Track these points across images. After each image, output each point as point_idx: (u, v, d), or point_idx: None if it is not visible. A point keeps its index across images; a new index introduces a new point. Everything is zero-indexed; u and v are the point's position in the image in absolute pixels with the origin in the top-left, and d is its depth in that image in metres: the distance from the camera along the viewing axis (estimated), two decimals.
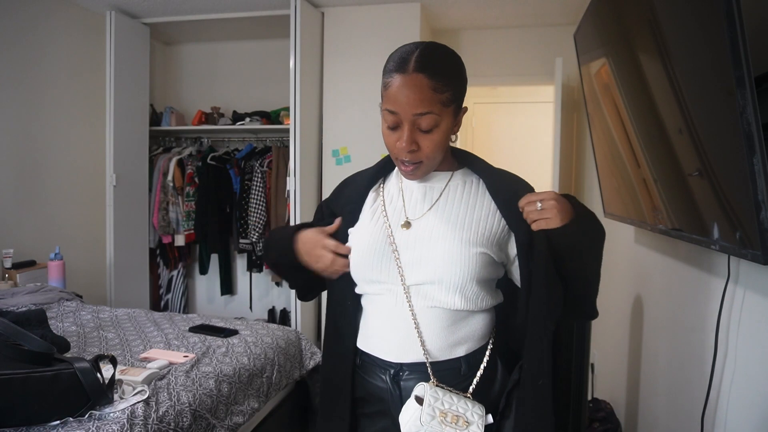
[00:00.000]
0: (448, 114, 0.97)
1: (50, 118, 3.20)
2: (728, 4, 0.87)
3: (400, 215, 1.05)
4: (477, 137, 4.96)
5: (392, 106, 0.95)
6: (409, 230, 1.02)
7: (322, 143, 3.52)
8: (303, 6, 3.19)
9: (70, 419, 1.31)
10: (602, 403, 2.51)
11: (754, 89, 0.87)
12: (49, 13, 3.17)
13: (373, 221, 1.06)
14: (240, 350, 1.94)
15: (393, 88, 0.95)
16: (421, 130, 0.95)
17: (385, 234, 1.02)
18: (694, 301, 1.54)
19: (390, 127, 0.97)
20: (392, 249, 1.01)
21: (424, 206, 1.04)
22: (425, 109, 0.93)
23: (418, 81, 0.92)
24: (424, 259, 0.99)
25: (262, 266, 3.80)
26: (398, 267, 1.00)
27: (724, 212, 1.08)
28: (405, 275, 0.99)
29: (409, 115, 0.94)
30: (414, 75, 0.93)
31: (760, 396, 1.12)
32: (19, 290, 2.56)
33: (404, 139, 0.95)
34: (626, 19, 1.52)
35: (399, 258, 1.00)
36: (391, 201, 1.07)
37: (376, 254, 1.02)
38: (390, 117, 0.96)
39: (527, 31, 3.79)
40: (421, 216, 1.03)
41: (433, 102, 0.93)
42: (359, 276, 1.05)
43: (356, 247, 1.04)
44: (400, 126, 0.96)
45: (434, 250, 0.99)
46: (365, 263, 1.03)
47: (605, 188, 2.29)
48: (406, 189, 1.07)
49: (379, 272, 1.01)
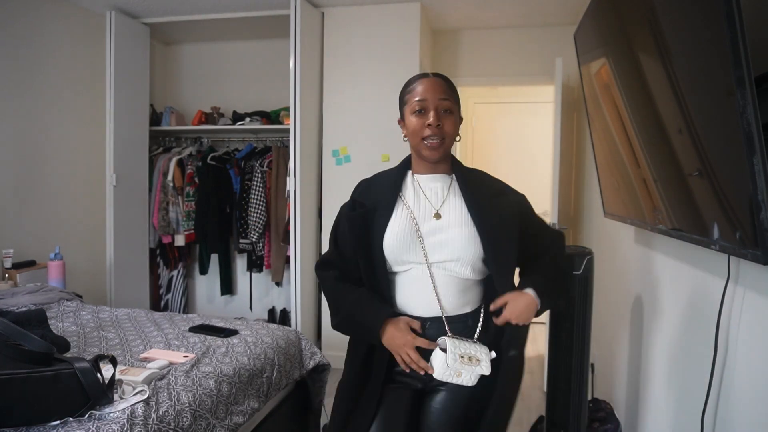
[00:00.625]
0: (457, 111, 1.34)
1: (50, 118, 3.21)
2: (728, 4, 0.87)
3: (426, 208, 1.34)
4: (477, 137, 4.96)
5: (422, 96, 1.30)
6: (439, 220, 1.32)
7: (322, 143, 3.52)
8: (303, 6, 3.19)
9: (70, 419, 1.30)
10: (602, 403, 2.51)
11: (754, 89, 0.87)
12: (50, 14, 3.17)
13: (401, 216, 1.34)
14: (240, 350, 1.94)
15: (420, 87, 1.32)
16: (444, 110, 1.30)
17: (411, 225, 1.32)
18: (694, 301, 1.54)
19: (418, 110, 1.30)
20: (418, 236, 1.31)
21: (439, 201, 1.35)
22: (446, 95, 1.31)
23: (439, 81, 1.33)
24: (446, 242, 1.30)
25: (262, 266, 3.81)
26: (423, 250, 1.30)
27: (724, 212, 1.08)
28: (428, 255, 1.30)
29: (435, 100, 1.30)
30: (435, 78, 1.34)
31: (760, 396, 1.12)
32: (19, 290, 2.56)
33: (432, 117, 1.28)
34: (626, 19, 1.52)
35: (423, 243, 1.30)
36: (411, 198, 1.36)
37: (405, 242, 1.30)
38: (418, 104, 1.30)
39: (527, 31, 3.80)
40: (440, 207, 1.34)
41: (450, 95, 1.32)
42: (393, 259, 1.32)
43: (389, 238, 1.31)
44: (426, 111, 1.30)
45: (455, 235, 1.29)
46: (398, 249, 1.31)
47: (605, 188, 2.29)
48: (426, 188, 1.37)
49: (408, 254, 1.31)
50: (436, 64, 3.90)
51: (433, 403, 1.34)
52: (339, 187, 3.39)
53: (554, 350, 2.09)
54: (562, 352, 2.05)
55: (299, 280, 3.27)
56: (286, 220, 3.60)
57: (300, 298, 3.29)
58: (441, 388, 1.34)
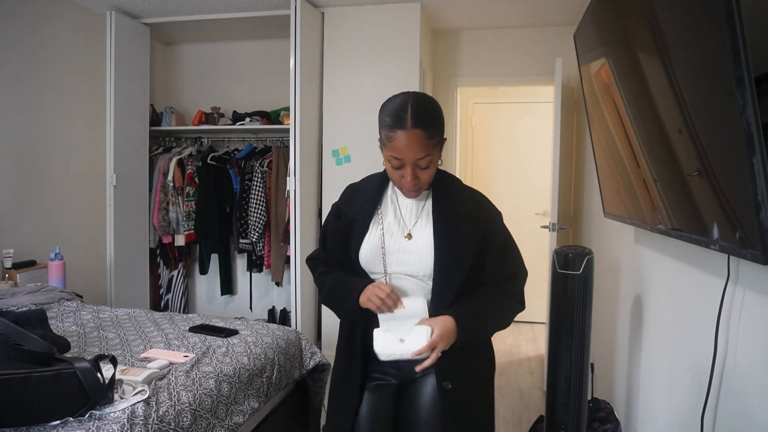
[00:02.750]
0: (437, 151, 1.30)
1: (50, 118, 3.21)
2: (728, 4, 0.87)
3: (399, 226, 1.38)
4: (477, 137, 4.96)
5: (398, 154, 1.25)
6: (410, 240, 1.35)
7: (322, 143, 3.52)
8: (303, 6, 3.19)
9: (70, 419, 1.30)
10: (602, 403, 2.51)
11: (754, 89, 0.87)
12: (50, 14, 3.17)
13: (375, 233, 1.39)
14: (240, 350, 1.94)
15: (396, 142, 1.24)
16: (420, 168, 1.28)
17: (379, 242, 1.37)
18: (694, 301, 1.54)
19: (395, 167, 1.28)
20: (382, 253, 1.36)
21: (413, 220, 1.39)
22: (424, 154, 1.25)
23: (416, 135, 1.23)
24: (409, 261, 1.35)
25: (262, 266, 3.81)
26: (383, 264, 1.36)
27: (724, 212, 1.08)
28: (388, 267, 1.36)
29: (411, 160, 1.26)
30: (412, 131, 1.23)
31: (760, 396, 1.12)
32: (19, 290, 2.56)
33: (409, 177, 1.27)
34: (626, 19, 1.52)
35: (385, 258, 1.36)
36: (388, 213, 1.41)
37: (377, 257, 1.37)
38: (395, 161, 1.27)
39: (527, 31, 3.80)
40: (412, 227, 1.38)
41: (428, 148, 1.25)
42: (366, 269, 1.39)
43: (363, 253, 1.38)
44: (404, 167, 1.27)
45: (419, 256, 1.34)
46: (370, 262, 1.38)
47: (605, 188, 2.29)
48: (402, 204, 1.40)
49: (377, 267, 1.37)
50: (436, 64, 3.91)
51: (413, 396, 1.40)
52: (339, 187, 3.32)
53: (554, 350, 2.09)
54: (562, 352, 2.05)
55: (299, 280, 3.27)
56: (286, 220, 3.60)
57: (300, 298, 3.29)
58: (417, 379, 1.39)
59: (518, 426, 2.83)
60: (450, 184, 1.41)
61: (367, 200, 1.43)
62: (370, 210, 1.41)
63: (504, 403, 3.09)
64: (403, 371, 1.40)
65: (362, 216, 1.41)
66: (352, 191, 1.51)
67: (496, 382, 1.50)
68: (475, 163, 4.95)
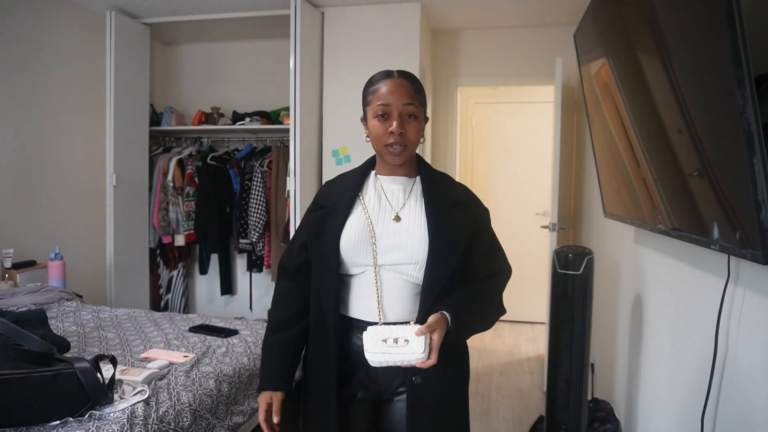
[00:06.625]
0: (421, 113, 1.28)
1: (50, 118, 3.20)
2: (728, 4, 0.87)
3: (386, 210, 1.30)
4: (477, 137, 4.96)
5: (385, 100, 1.23)
6: (398, 222, 1.28)
7: (322, 143, 3.52)
8: (303, 6, 3.19)
9: (70, 419, 1.30)
10: (602, 403, 2.51)
11: (754, 89, 0.87)
12: (49, 13, 3.17)
13: (359, 218, 1.30)
14: (240, 350, 1.94)
15: (384, 88, 1.24)
16: (408, 116, 1.24)
17: (367, 226, 1.27)
18: (694, 301, 1.54)
19: (381, 115, 1.24)
20: (371, 238, 1.26)
21: (400, 203, 1.31)
22: (411, 100, 1.24)
23: (403, 83, 1.26)
24: (401, 245, 1.25)
25: (262, 266, 3.81)
26: (374, 252, 1.26)
27: (724, 212, 1.08)
28: (378, 257, 1.26)
29: (399, 105, 1.23)
30: (400, 79, 1.26)
31: (760, 396, 1.12)
32: (19, 290, 2.56)
33: (396, 124, 1.22)
34: (626, 19, 1.52)
35: (375, 245, 1.26)
36: (371, 200, 1.32)
37: (360, 243, 1.26)
38: (381, 108, 1.24)
39: (527, 31, 3.80)
40: (400, 210, 1.30)
41: (415, 98, 1.25)
42: (349, 260, 1.28)
43: (344, 239, 1.27)
44: (390, 116, 1.23)
45: (412, 238, 1.25)
46: (353, 250, 1.26)
47: (605, 188, 2.29)
48: (387, 190, 1.33)
49: (361, 256, 1.26)
50: (436, 64, 3.91)
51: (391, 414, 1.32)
52: None
53: (554, 350, 2.09)
54: (562, 352, 2.06)
55: None
56: (286, 220, 3.60)
57: None
58: (395, 398, 1.31)
59: (518, 426, 2.83)
60: (439, 176, 1.37)
61: (348, 188, 1.34)
62: (352, 196, 1.32)
63: (504, 403, 3.09)
64: (382, 385, 1.30)
65: (343, 204, 1.31)
66: (330, 185, 1.44)
67: (496, 382, 1.49)
68: (475, 163, 4.95)
